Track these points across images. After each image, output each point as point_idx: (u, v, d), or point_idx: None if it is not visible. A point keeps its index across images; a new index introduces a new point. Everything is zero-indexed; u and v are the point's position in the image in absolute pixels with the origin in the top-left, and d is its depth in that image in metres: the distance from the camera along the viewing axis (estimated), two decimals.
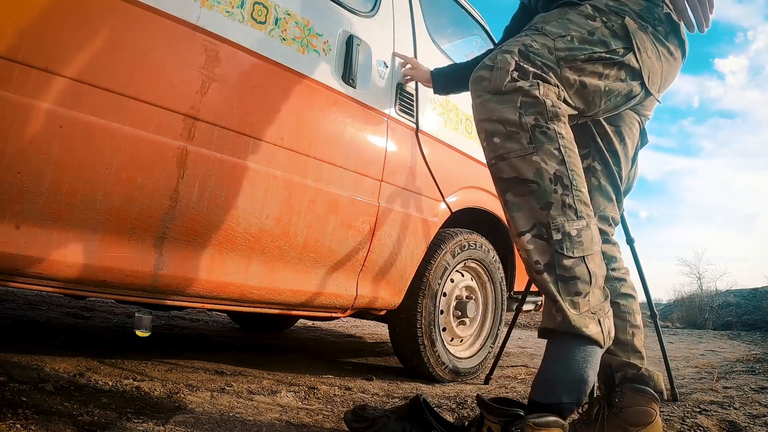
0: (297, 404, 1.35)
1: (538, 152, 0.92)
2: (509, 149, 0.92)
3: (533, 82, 0.94)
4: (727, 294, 9.88)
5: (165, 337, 2.25)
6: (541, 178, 0.91)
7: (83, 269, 1.11)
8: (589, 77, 0.99)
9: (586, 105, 1.02)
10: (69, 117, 1.05)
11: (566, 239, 0.90)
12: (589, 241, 0.92)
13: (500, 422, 0.84)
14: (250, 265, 1.39)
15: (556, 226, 0.91)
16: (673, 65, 1.13)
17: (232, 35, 1.31)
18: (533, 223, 0.92)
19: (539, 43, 0.98)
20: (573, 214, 0.92)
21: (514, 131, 0.92)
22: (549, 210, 0.91)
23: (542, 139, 0.92)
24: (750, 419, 1.53)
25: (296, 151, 1.45)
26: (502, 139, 0.93)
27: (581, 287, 0.91)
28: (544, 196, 0.91)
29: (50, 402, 1.05)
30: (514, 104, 0.92)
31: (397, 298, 1.82)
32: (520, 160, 0.92)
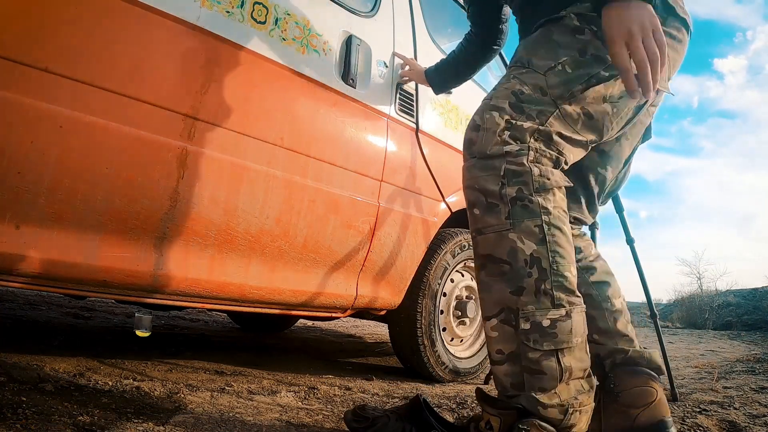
0: (297, 404, 1.35)
1: (514, 229, 0.84)
2: (487, 223, 0.86)
3: (523, 147, 0.86)
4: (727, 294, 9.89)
5: (165, 337, 2.25)
6: (514, 258, 0.83)
7: (83, 269, 1.11)
8: (593, 104, 0.92)
9: (598, 134, 0.94)
10: (69, 117, 1.05)
11: (535, 330, 0.82)
12: (565, 332, 0.82)
13: (499, 415, 0.83)
14: (250, 265, 1.39)
15: (525, 315, 0.82)
16: (679, 48, 1.03)
17: (232, 35, 1.31)
18: (501, 308, 0.85)
19: (530, 85, 0.90)
20: (548, 301, 0.82)
21: (494, 203, 0.85)
22: (520, 296, 0.83)
23: (522, 214, 0.84)
24: (750, 419, 1.53)
25: (296, 151, 1.45)
26: (482, 212, 0.86)
27: (547, 383, 0.81)
28: (516, 280, 0.83)
29: (50, 402, 1.05)
30: (498, 172, 0.85)
31: (397, 298, 1.82)
32: (496, 236, 0.85)
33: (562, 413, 0.81)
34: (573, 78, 0.90)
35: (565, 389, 0.82)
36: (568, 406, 0.82)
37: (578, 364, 0.83)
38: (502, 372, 0.85)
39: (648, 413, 1.02)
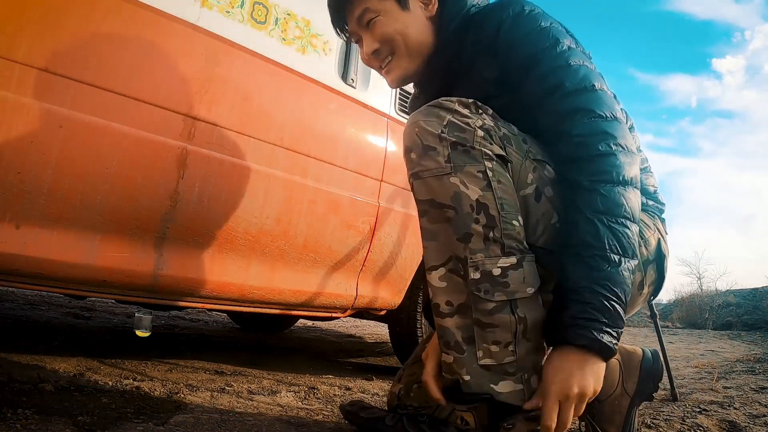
0: (297, 404, 1.35)
1: (455, 173, 0.79)
2: (425, 167, 0.81)
3: (473, 114, 0.83)
4: (727, 294, 9.89)
5: (165, 337, 2.25)
6: (459, 203, 0.78)
7: (83, 269, 1.11)
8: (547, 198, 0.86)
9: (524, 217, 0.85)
10: (69, 117, 1.05)
11: (486, 279, 0.77)
12: (518, 282, 0.78)
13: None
14: (250, 265, 1.39)
15: (474, 263, 0.78)
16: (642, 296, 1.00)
17: (232, 35, 1.31)
18: (448, 257, 0.80)
19: (517, 129, 0.88)
20: (498, 249, 0.78)
21: (431, 146, 0.81)
22: (467, 243, 0.78)
23: (463, 158, 0.79)
24: (750, 419, 1.53)
25: (296, 151, 1.45)
26: (419, 155, 0.82)
27: (500, 336, 0.78)
28: (462, 226, 0.78)
29: (50, 402, 1.05)
30: (441, 121, 0.81)
31: (397, 298, 1.82)
32: (435, 180, 0.80)
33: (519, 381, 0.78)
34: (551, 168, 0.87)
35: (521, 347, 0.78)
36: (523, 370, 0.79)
37: (533, 314, 0.79)
38: (452, 324, 0.81)
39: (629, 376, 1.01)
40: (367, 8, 0.96)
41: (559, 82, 0.86)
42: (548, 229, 0.85)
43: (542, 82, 0.87)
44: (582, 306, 0.75)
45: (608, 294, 0.75)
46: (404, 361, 2.03)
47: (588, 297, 0.75)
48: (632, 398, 0.98)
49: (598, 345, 0.74)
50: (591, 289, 0.75)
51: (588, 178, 0.80)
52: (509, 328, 0.77)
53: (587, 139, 0.82)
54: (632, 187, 0.82)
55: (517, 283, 0.78)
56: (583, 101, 0.84)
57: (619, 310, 0.76)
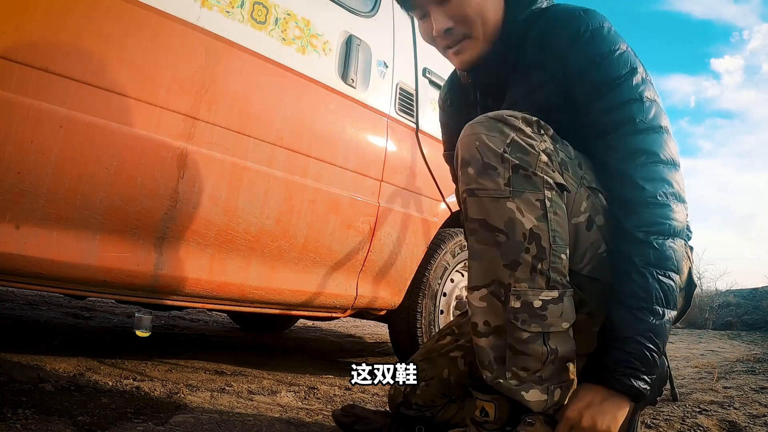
0: (297, 404, 1.35)
1: (514, 198, 0.77)
2: (482, 185, 0.78)
3: (537, 136, 0.80)
4: (727, 294, 9.88)
5: (165, 337, 2.25)
6: (512, 230, 0.77)
7: (83, 269, 1.11)
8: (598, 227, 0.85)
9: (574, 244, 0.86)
10: (69, 117, 1.05)
11: (525, 310, 0.77)
12: (556, 316, 0.78)
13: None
14: (250, 265, 1.39)
15: (517, 292, 0.77)
16: None
17: (232, 35, 1.31)
18: (492, 280, 0.80)
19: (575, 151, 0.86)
20: (543, 282, 0.78)
21: (492, 165, 0.77)
22: (514, 271, 0.78)
23: (523, 183, 0.77)
24: (750, 419, 1.53)
25: (296, 151, 1.45)
26: (477, 172, 0.79)
27: (531, 364, 0.78)
28: (512, 253, 0.77)
29: (50, 402, 1.05)
30: (504, 138, 0.78)
31: (397, 298, 1.82)
32: (491, 201, 0.78)
33: (545, 392, 0.79)
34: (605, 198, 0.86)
35: (546, 370, 0.79)
36: (549, 381, 0.80)
37: (564, 347, 0.80)
38: (486, 344, 0.82)
39: None
40: None
41: (630, 118, 0.83)
42: (595, 258, 0.85)
43: (612, 113, 0.84)
44: (626, 355, 0.77)
45: (650, 345, 0.77)
46: (404, 360, 2.02)
47: (633, 347, 0.77)
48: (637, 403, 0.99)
49: (633, 391, 0.77)
50: (636, 340, 0.77)
51: (642, 228, 0.81)
52: (540, 359, 0.78)
53: (646, 185, 0.82)
54: (680, 238, 0.83)
55: (554, 317, 0.78)
56: (649, 142, 0.83)
57: (657, 360, 0.79)
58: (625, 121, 0.84)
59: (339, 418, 1.10)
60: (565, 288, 0.80)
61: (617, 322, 0.79)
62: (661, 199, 0.82)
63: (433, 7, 0.90)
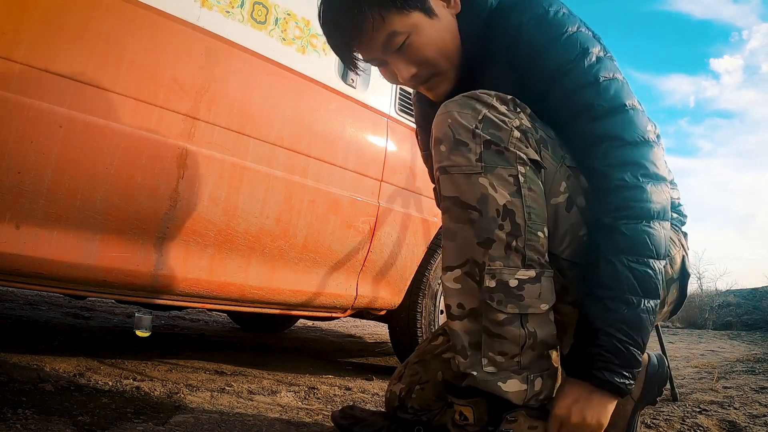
0: (297, 404, 1.35)
1: (486, 173, 0.75)
2: (454, 162, 0.76)
3: (511, 113, 0.78)
4: (727, 294, 9.88)
5: (165, 337, 2.25)
6: (485, 206, 0.75)
7: (83, 269, 1.11)
8: (578, 209, 0.82)
9: (553, 226, 0.83)
10: (69, 117, 1.05)
11: (501, 289, 0.75)
12: (533, 296, 0.75)
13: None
14: (250, 265, 1.39)
15: (492, 271, 0.75)
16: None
17: (232, 35, 1.31)
18: (466, 259, 0.77)
19: (555, 135, 0.83)
20: (519, 260, 0.75)
21: (464, 141, 0.76)
22: (488, 249, 0.75)
23: (495, 159, 0.75)
24: (750, 419, 1.53)
25: (296, 151, 1.45)
26: (449, 148, 0.77)
27: (508, 348, 0.76)
28: (485, 230, 0.75)
29: (50, 402, 1.05)
30: (476, 114, 0.76)
31: (397, 298, 1.82)
32: (464, 178, 0.76)
33: (524, 381, 0.77)
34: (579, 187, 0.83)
35: (525, 356, 0.77)
36: (528, 370, 0.77)
37: (543, 331, 0.77)
38: (460, 328, 0.79)
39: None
40: (393, 32, 0.82)
41: (588, 104, 0.80)
42: (575, 241, 0.82)
43: (568, 100, 0.81)
44: (596, 348, 0.75)
45: (623, 337, 0.74)
46: (404, 360, 2.03)
47: (602, 340, 0.74)
48: (636, 403, 0.97)
49: (609, 386, 0.75)
50: (605, 332, 0.74)
51: (609, 214, 0.77)
52: (517, 342, 0.76)
53: (611, 171, 0.78)
54: (659, 221, 0.78)
55: (531, 298, 0.76)
56: (611, 126, 0.79)
57: (634, 352, 0.75)
58: (581, 109, 0.80)
59: (338, 420, 1.10)
60: (543, 268, 0.77)
61: (588, 313, 0.76)
62: (630, 181, 0.77)
63: (391, 57, 0.86)
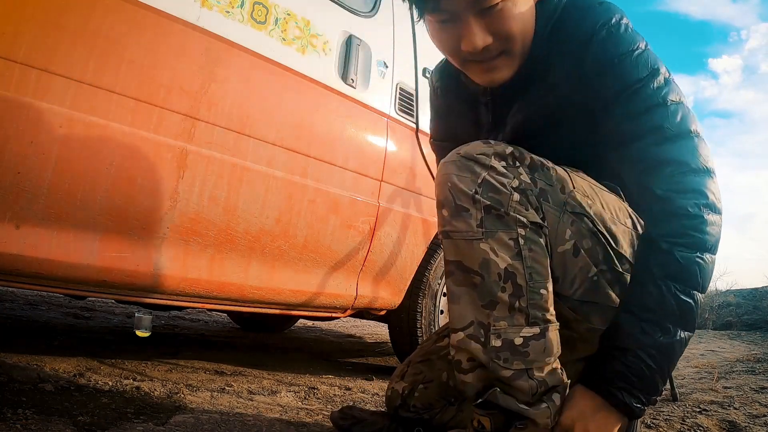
0: (297, 404, 1.35)
1: (486, 239, 0.75)
2: (455, 228, 0.76)
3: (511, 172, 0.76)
4: (727, 294, 9.88)
5: (165, 337, 2.25)
6: (487, 271, 0.75)
7: (83, 269, 1.11)
8: (586, 252, 0.80)
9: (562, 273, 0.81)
10: (69, 117, 1.05)
11: (507, 348, 0.75)
12: (538, 351, 0.75)
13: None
14: (250, 265, 1.39)
15: (497, 331, 0.75)
16: None
17: (232, 35, 1.31)
18: (471, 321, 0.77)
19: (558, 175, 0.80)
20: (522, 319, 0.75)
21: (464, 207, 0.76)
22: (492, 310, 0.75)
23: (495, 224, 0.75)
24: (750, 419, 1.53)
25: (296, 151, 1.45)
26: (450, 214, 0.77)
27: (521, 397, 0.76)
28: (488, 294, 0.75)
29: (50, 402, 1.05)
30: (475, 178, 0.75)
31: (397, 298, 1.82)
32: (465, 243, 0.76)
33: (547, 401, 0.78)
34: (588, 216, 0.80)
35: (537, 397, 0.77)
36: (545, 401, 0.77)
37: (551, 378, 0.78)
38: (472, 379, 0.79)
39: None
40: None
41: (656, 126, 0.78)
42: (585, 281, 0.81)
43: (633, 121, 0.79)
44: (623, 367, 0.74)
45: (652, 364, 0.74)
46: (404, 359, 2.03)
47: (631, 361, 0.74)
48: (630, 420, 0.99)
49: (624, 408, 0.74)
50: (636, 354, 0.74)
51: (666, 239, 0.76)
52: (529, 391, 0.76)
53: (674, 197, 0.76)
54: (711, 254, 0.77)
55: (536, 353, 0.76)
56: (677, 151, 0.77)
57: (658, 382, 0.75)
58: (648, 130, 0.78)
59: (337, 421, 1.09)
60: (547, 323, 0.77)
61: (622, 330, 0.76)
62: (692, 210, 0.76)
63: (471, 17, 0.78)
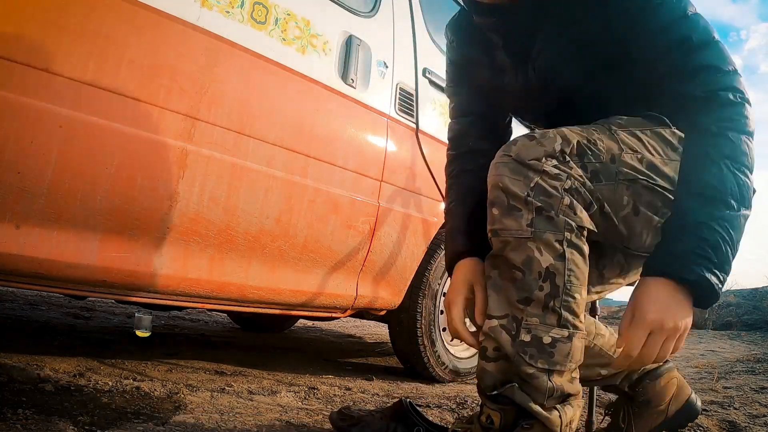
0: (297, 404, 1.35)
1: (535, 239, 0.78)
2: (505, 226, 0.80)
3: (562, 174, 0.79)
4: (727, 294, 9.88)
5: (165, 337, 2.25)
6: (529, 268, 0.78)
7: (83, 269, 1.11)
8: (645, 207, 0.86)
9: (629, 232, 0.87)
10: (69, 117, 1.05)
11: (534, 344, 0.78)
12: (563, 355, 0.78)
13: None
14: (250, 265, 1.39)
15: (528, 326, 0.78)
16: None
17: (232, 35, 1.31)
18: (506, 313, 0.81)
19: (605, 145, 0.83)
20: (554, 319, 0.78)
21: (516, 207, 0.79)
22: (527, 306, 0.79)
23: (545, 225, 0.78)
24: (750, 419, 1.53)
25: (296, 151, 1.45)
26: (501, 213, 0.81)
27: (535, 395, 0.79)
28: (526, 290, 0.79)
29: (50, 402, 1.05)
30: (528, 182, 0.79)
31: (397, 298, 1.82)
32: (514, 241, 0.80)
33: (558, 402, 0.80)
34: (642, 173, 0.85)
35: (551, 401, 0.80)
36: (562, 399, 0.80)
37: (568, 386, 0.81)
38: (493, 368, 0.82)
39: (675, 402, 1.10)
40: None
41: (684, 36, 0.81)
42: (652, 230, 0.87)
43: (663, 35, 0.82)
44: (698, 241, 0.73)
45: (725, 235, 0.73)
46: (404, 361, 2.03)
47: (706, 233, 0.73)
48: (666, 421, 1.08)
49: (706, 283, 0.72)
50: (709, 226, 0.73)
51: (717, 123, 0.78)
52: (545, 393, 0.79)
53: (716, 93, 0.79)
54: (752, 141, 0.80)
55: (561, 356, 0.78)
56: (709, 57, 0.81)
57: (730, 256, 0.74)
58: (677, 42, 0.81)
59: (336, 421, 1.09)
60: (576, 329, 0.80)
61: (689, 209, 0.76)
62: (734, 99, 0.79)
63: None
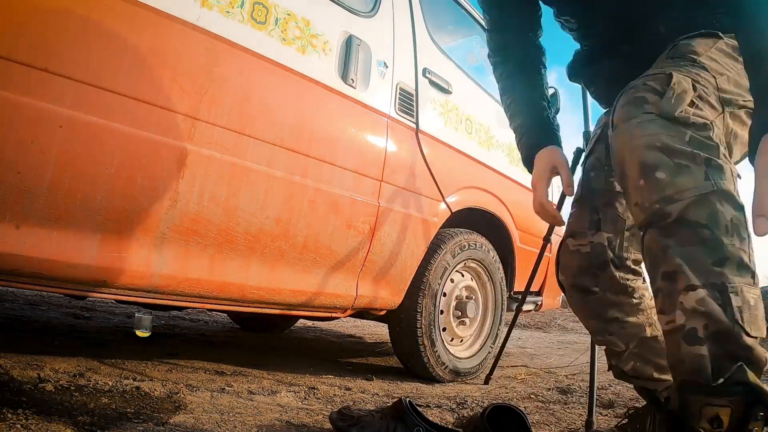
0: (297, 404, 1.35)
1: (717, 190, 0.72)
2: (681, 187, 0.72)
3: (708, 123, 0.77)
4: None
5: (165, 337, 2.25)
6: (716, 223, 0.71)
7: (83, 269, 1.11)
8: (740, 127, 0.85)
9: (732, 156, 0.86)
10: (69, 117, 1.05)
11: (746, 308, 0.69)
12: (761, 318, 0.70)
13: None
14: (250, 265, 1.39)
15: (734, 289, 0.69)
16: None
17: (232, 35, 1.31)
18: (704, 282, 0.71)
19: (704, 78, 0.81)
20: (750, 277, 0.70)
21: (685, 164, 0.73)
22: (723, 267, 0.70)
23: (720, 175, 0.72)
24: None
25: (296, 151, 1.45)
26: (670, 174, 0.73)
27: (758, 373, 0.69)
28: (718, 249, 0.70)
29: (50, 402, 1.05)
30: (683, 137, 0.74)
31: (397, 298, 1.82)
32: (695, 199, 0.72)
33: None
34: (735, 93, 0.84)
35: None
36: None
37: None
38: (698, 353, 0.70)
39: None
40: None
41: None
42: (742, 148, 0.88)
43: None
44: None
45: None
46: (404, 361, 2.03)
47: None
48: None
49: None
50: None
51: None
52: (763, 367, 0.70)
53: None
54: None
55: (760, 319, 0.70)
56: None
57: None
58: None
59: (336, 422, 1.09)
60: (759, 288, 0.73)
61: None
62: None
63: None
